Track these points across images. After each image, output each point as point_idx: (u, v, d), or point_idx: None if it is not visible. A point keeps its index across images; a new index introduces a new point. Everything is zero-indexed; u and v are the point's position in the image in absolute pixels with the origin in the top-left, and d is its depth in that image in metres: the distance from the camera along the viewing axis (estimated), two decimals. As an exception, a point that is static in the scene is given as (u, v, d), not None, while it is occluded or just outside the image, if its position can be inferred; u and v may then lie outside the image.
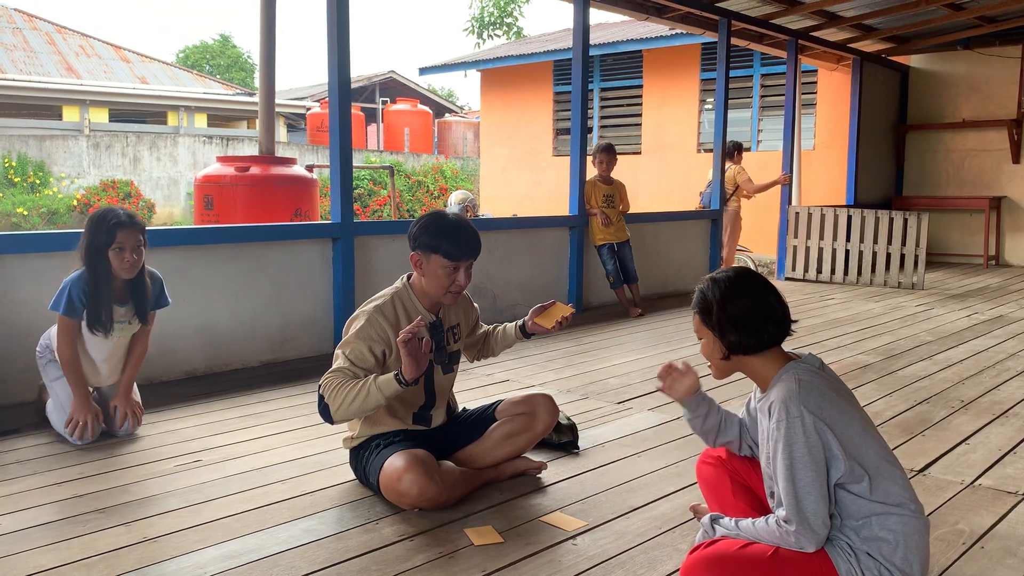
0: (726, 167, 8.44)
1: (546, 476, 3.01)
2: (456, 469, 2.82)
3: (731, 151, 8.54)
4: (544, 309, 2.99)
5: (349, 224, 5.10)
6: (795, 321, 2.04)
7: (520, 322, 3.06)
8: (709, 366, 2.12)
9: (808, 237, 9.05)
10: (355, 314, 2.79)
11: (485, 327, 3.16)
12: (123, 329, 3.46)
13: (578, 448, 3.33)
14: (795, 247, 9.18)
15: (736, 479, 2.31)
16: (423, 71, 16.65)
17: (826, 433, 1.87)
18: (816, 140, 11.46)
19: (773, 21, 8.60)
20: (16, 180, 16.28)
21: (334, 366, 2.66)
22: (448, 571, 2.29)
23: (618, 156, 6.85)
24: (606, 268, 6.74)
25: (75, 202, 16.54)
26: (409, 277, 2.87)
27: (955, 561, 2.37)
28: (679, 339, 5.75)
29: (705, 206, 8.74)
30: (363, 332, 2.69)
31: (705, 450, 2.43)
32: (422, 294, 2.82)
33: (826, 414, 1.89)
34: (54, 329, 3.47)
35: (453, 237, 2.71)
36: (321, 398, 2.62)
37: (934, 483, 2.99)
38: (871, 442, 1.94)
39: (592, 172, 6.80)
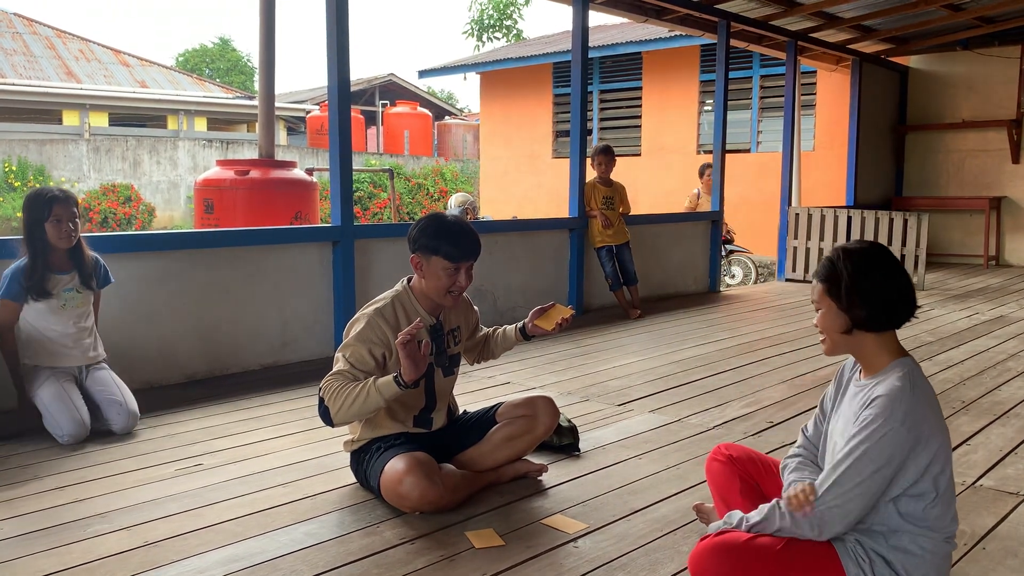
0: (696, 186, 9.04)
1: (547, 479, 3.01)
2: (457, 472, 2.82)
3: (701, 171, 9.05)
4: (544, 311, 2.99)
5: (349, 227, 5.11)
6: (919, 306, 1.98)
7: (520, 324, 3.06)
8: (822, 340, 2.04)
9: (808, 238, 9.05)
10: (355, 317, 2.79)
11: (485, 330, 3.16)
12: (74, 298, 3.59)
13: (579, 450, 3.33)
14: (795, 248, 9.18)
15: (746, 479, 2.29)
16: (423, 74, 16.67)
17: (915, 449, 1.84)
18: (816, 141, 11.47)
19: (772, 23, 8.60)
20: (16, 184, 16.27)
21: (334, 369, 2.67)
22: (449, 574, 2.29)
23: (617, 158, 6.85)
24: (605, 271, 6.74)
25: (75, 206, 16.52)
26: (409, 280, 2.87)
27: (956, 562, 2.37)
28: (679, 341, 5.74)
29: None
30: (363, 335, 2.69)
31: (716, 447, 2.41)
32: (422, 297, 2.82)
33: (922, 430, 1.85)
34: (30, 347, 3.57)
35: (453, 238, 2.71)
36: (321, 401, 2.62)
37: (935, 484, 2.99)
38: (948, 466, 1.91)
39: (592, 174, 6.80)
